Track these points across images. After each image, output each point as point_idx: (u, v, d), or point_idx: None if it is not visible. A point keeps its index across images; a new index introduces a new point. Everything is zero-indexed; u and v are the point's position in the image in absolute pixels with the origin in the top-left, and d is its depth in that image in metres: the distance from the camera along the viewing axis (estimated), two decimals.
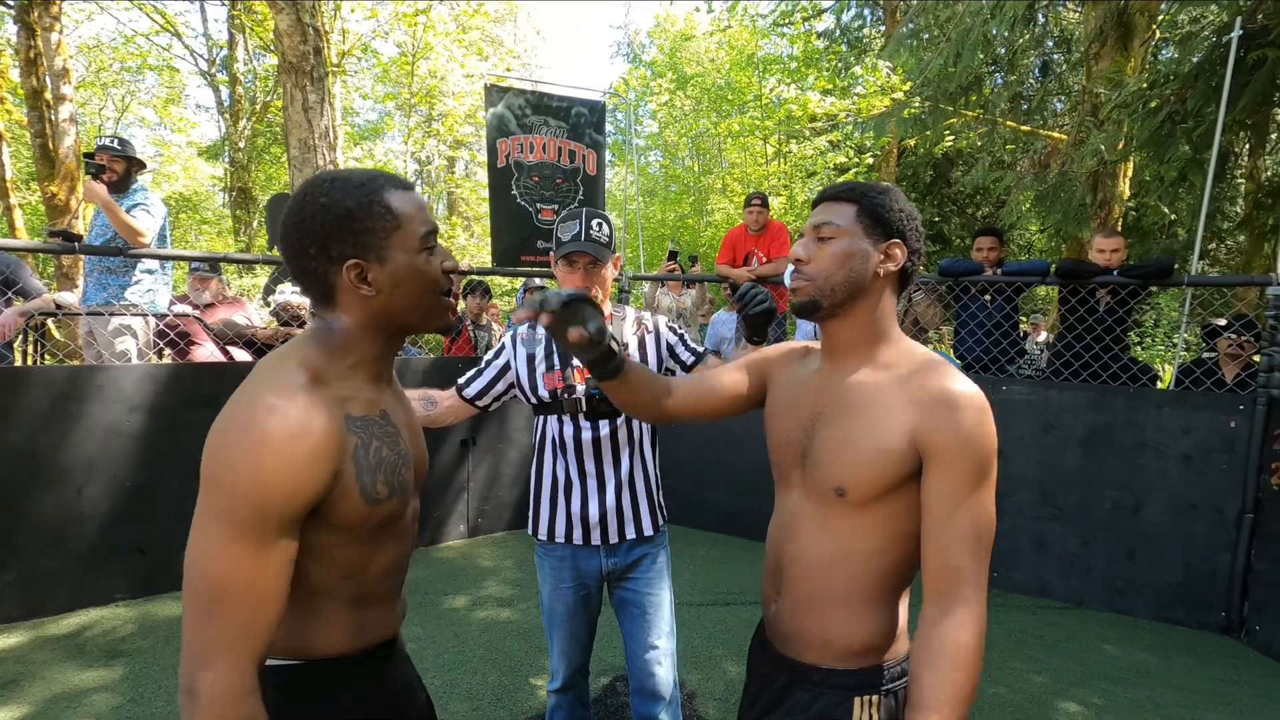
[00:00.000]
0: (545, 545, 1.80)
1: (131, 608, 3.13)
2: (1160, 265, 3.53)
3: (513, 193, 4.56)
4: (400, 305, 0.92)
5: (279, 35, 6.76)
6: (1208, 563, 3.32)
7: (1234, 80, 3.86)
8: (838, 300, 1.05)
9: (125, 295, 3.48)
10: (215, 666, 0.77)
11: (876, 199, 1.05)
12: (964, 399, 0.96)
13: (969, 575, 0.94)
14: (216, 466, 0.80)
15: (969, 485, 0.94)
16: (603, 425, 1.71)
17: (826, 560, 1.05)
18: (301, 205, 0.88)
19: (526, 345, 1.75)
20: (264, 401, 0.82)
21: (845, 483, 1.01)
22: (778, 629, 1.12)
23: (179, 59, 14.63)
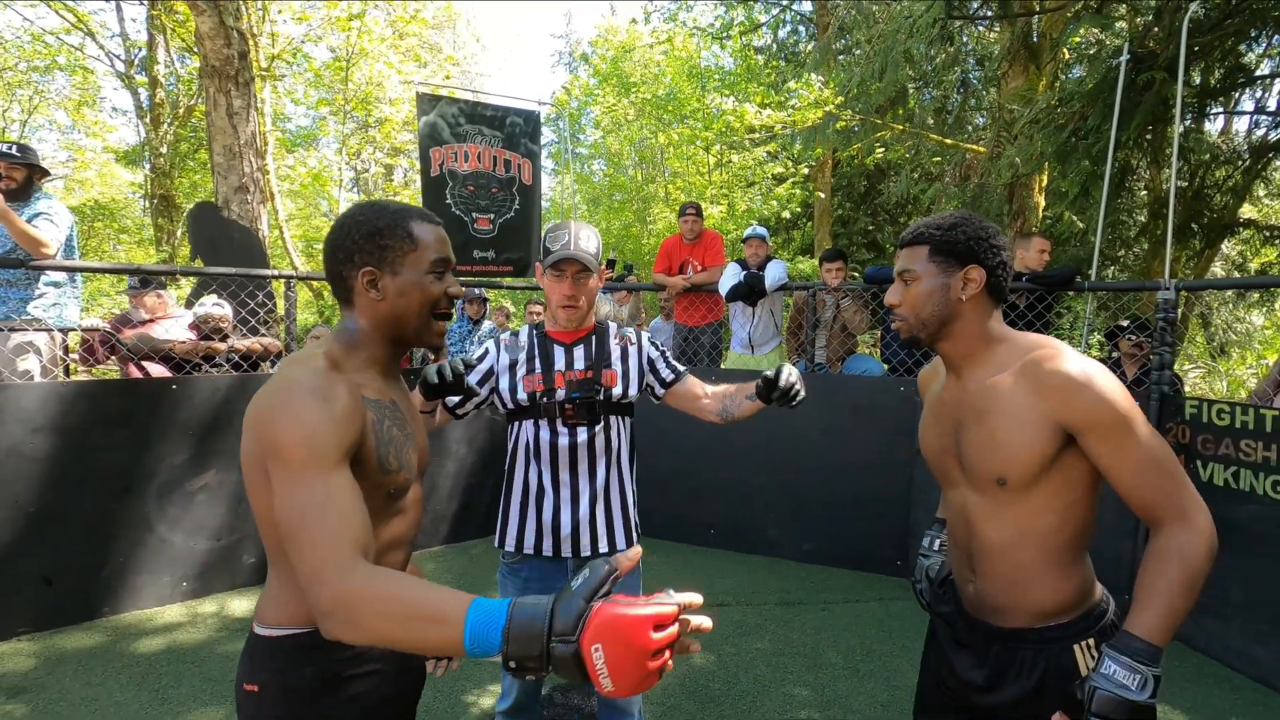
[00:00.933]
0: (511, 563, 1.76)
1: (36, 641, 2.95)
2: (1064, 273, 3.77)
3: (447, 201, 4.52)
4: (402, 313, 1.08)
5: (201, 38, 6.51)
6: (1111, 551, 3.53)
7: (1127, 100, 4.16)
8: (932, 330, 1.22)
9: (28, 309, 3.29)
10: (329, 581, 0.84)
11: (944, 236, 1.20)
12: (1080, 376, 1.09)
13: (1174, 497, 1.07)
14: (269, 436, 0.92)
15: (1126, 436, 1.07)
16: (580, 432, 1.68)
17: (1009, 542, 1.18)
18: (344, 220, 1.08)
19: (510, 351, 1.74)
20: (295, 379, 0.96)
21: (1003, 472, 1.14)
22: (982, 605, 1.25)
23: (93, 59, 13.88)
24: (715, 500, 4.34)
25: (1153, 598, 1.03)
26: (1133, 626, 1.03)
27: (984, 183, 7.11)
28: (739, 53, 12.65)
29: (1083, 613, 1.18)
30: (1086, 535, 1.18)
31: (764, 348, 4.75)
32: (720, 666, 2.89)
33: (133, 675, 2.70)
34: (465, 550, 4.30)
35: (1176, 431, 3.30)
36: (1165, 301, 3.49)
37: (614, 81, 12.87)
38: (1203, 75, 5.90)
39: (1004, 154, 6.30)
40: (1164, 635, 1.02)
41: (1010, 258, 1.22)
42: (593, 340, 1.75)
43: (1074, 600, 1.17)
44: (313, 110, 14.27)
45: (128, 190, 15.85)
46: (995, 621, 1.23)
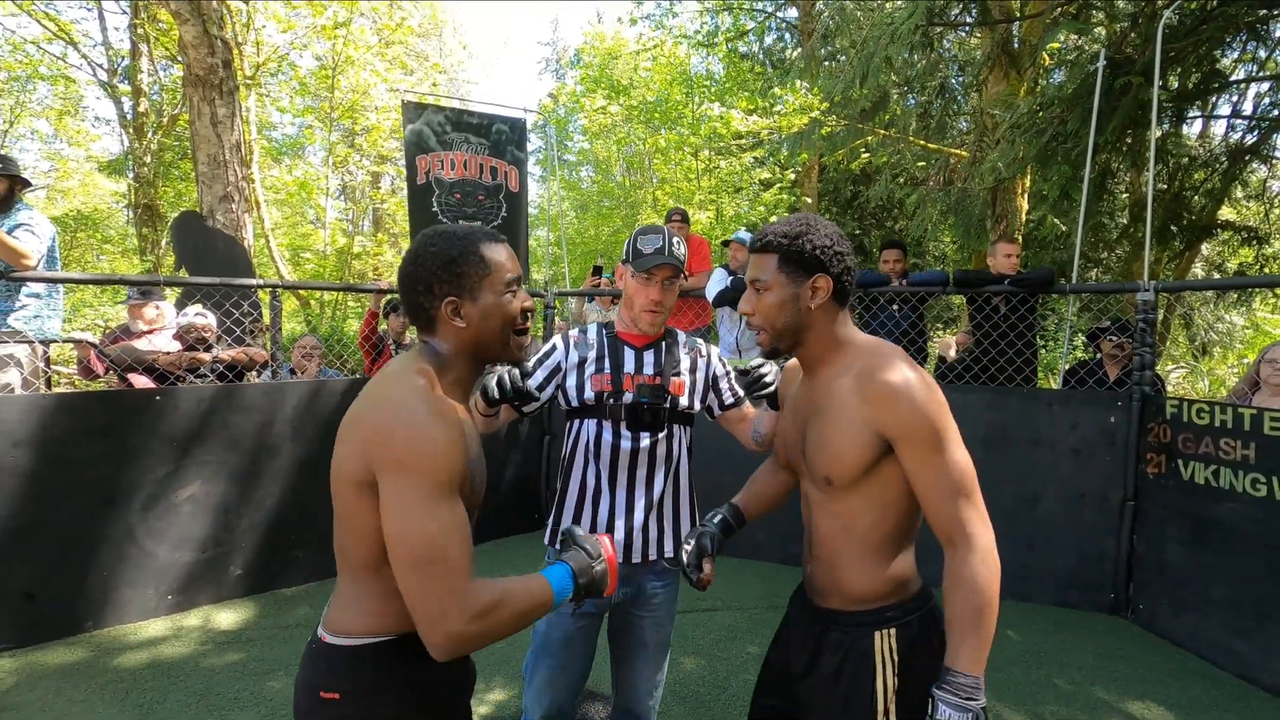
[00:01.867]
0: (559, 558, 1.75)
1: (17, 658, 2.90)
2: (1043, 275, 3.82)
3: (434, 209, 4.52)
4: (486, 336, 1.12)
5: (184, 48, 6.49)
6: (1096, 548, 3.58)
7: (1105, 104, 4.23)
8: (789, 339, 1.28)
9: (8, 321, 3.25)
10: (453, 616, 0.94)
11: (792, 245, 1.23)
12: (899, 387, 1.15)
13: (962, 518, 1.14)
14: (395, 449, 0.96)
15: (934, 451, 1.14)
16: (643, 437, 1.65)
17: (834, 531, 1.27)
18: (416, 254, 1.11)
19: (579, 349, 1.73)
20: (405, 397, 1.00)
21: (829, 474, 1.22)
22: (813, 584, 1.35)
23: (75, 68, 13.77)
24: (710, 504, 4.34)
25: (962, 631, 1.11)
26: (953, 661, 1.11)
27: (967, 187, 7.19)
28: (726, 59, 12.73)
29: (891, 604, 1.24)
30: (905, 531, 1.25)
31: (751, 353, 4.77)
32: (710, 671, 2.89)
33: (116, 691, 2.67)
34: None
35: (1158, 431, 3.34)
36: (1145, 303, 3.55)
37: (603, 86, 12.91)
38: (1179, 80, 6.00)
39: (986, 158, 6.37)
40: (979, 664, 1.10)
41: (854, 262, 1.28)
42: (663, 346, 1.74)
43: (883, 591, 1.24)
44: (298, 119, 14.23)
45: (111, 200, 15.70)
46: (819, 601, 1.32)
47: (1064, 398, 3.70)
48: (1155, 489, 3.38)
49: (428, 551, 0.94)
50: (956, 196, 7.31)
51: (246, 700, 2.61)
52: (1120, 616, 3.51)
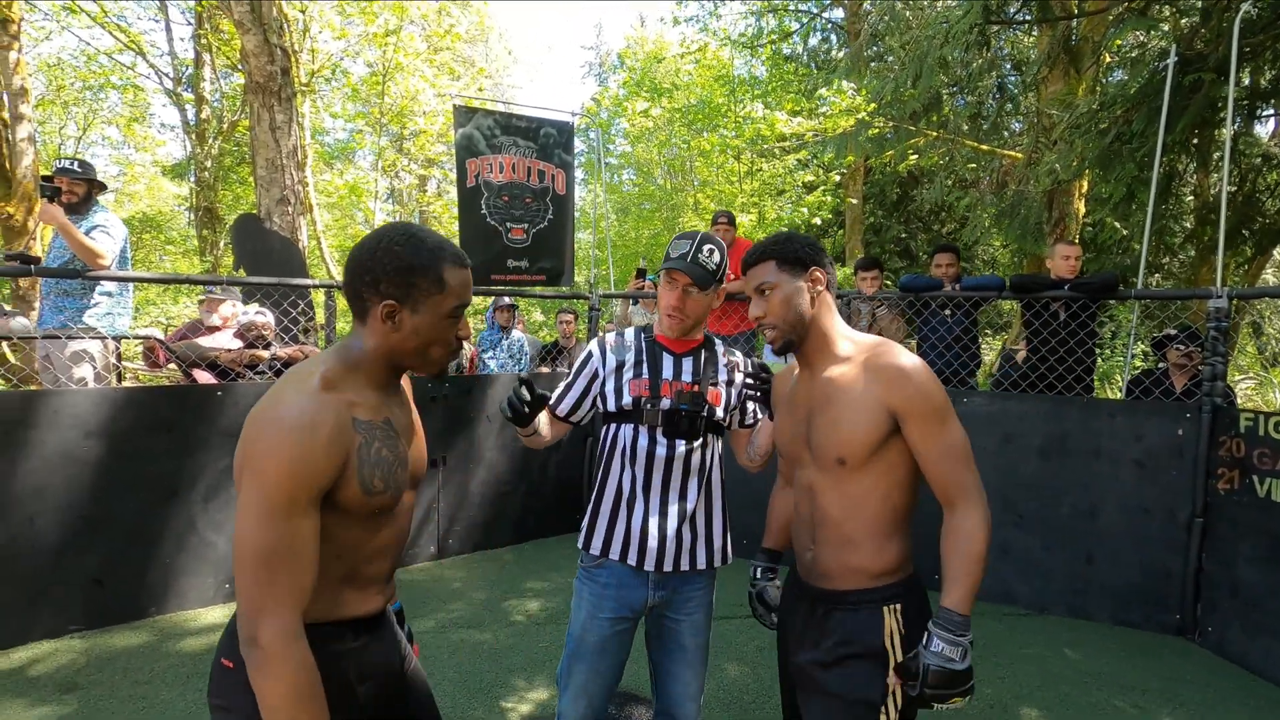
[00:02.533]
0: (590, 567, 1.71)
1: (87, 639, 3.04)
2: (1105, 280, 3.67)
3: (482, 212, 4.58)
4: (410, 349, 1.13)
5: (246, 56, 6.73)
6: (1161, 566, 3.42)
7: (1174, 103, 4.05)
8: (801, 331, 1.39)
9: (83, 318, 3.42)
10: (271, 619, 0.95)
11: (783, 248, 1.39)
12: (909, 370, 1.29)
13: (963, 483, 1.28)
14: (252, 453, 0.99)
15: (939, 424, 1.28)
16: (678, 444, 1.65)
17: (845, 512, 1.35)
18: (377, 241, 1.09)
19: (616, 353, 1.72)
20: (286, 401, 1.01)
21: (843, 453, 1.32)
22: (815, 570, 1.41)
23: (143, 77, 14.43)
24: (747, 510, 4.30)
25: (956, 575, 1.24)
26: (946, 602, 1.24)
27: (1022, 189, 6.97)
28: (770, 60, 12.63)
29: (897, 580, 1.35)
30: (907, 511, 1.37)
31: None
32: (754, 679, 2.85)
33: (178, 675, 2.77)
34: (498, 558, 4.33)
35: (1230, 445, 3.18)
36: (1218, 310, 3.38)
37: (645, 88, 12.93)
38: (1252, 77, 5.71)
39: (1043, 160, 6.17)
40: (969, 605, 1.23)
41: (833, 266, 1.42)
42: (702, 355, 1.73)
43: (890, 567, 1.34)
44: (350, 124, 14.64)
45: (174, 203, 16.40)
46: (824, 585, 1.39)
47: (1128, 408, 3.55)
48: (1227, 505, 3.21)
49: (258, 558, 0.96)
50: (1011, 199, 7.09)
51: None
52: (1186, 638, 3.35)
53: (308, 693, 0.97)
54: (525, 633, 3.24)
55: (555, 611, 3.47)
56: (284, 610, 0.96)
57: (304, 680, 0.97)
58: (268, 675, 0.95)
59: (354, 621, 1.14)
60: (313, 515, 1.01)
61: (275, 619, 0.96)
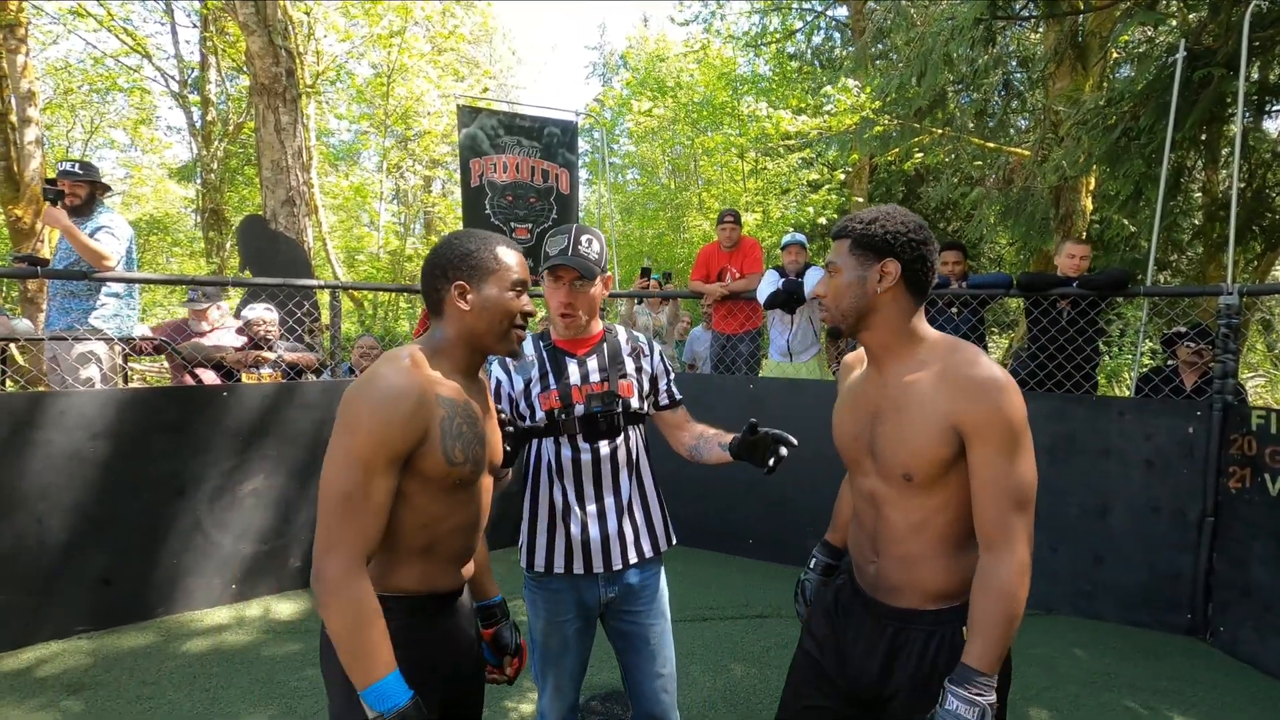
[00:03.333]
0: (540, 578, 1.71)
1: (94, 640, 3.05)
2: (1114, 276, 3.64)
3: (486, 212, 4.58)
4: (483, 325, 1.25)
5: (251, 58, 6.75)
6: (1171, 566, 3.39)
7: (1182, 98, 4.01)
8: (851, 321, 1.28)
9: (89, 320, 3.42)
10: (335, 554, 1.07)
11: (864, 229, 1.26)
12: (987, 382, 1.14)
13: (1011, 525, 1.14)
14: (348, 409, 1.11)
15: (1003, 454, 1.13)
16: (602, 446, 1.65)
17: (912, 529, 1.25)
18: (442, 244, 1.27)
19: (521, 372, 1.68)
20: (379, 374, 1.14)
21: (910, 469, 1.21)
22: (879, 584, 1.32)
23: (149, 80, 14.49)
24: (753, 510, 4.29)
25: (982, 630, 1.14)
26: (968, 658, 1.14)
27: (1029, 186, 6.93)
28: (774, 59, 12.60)
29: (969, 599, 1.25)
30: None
31: (803, 355, 4.69)
32: (761, 679, 2.84)
33: (185, 675, 2.78)
34: (503, 558, 4.32)
35: (1242, 443, 3.15)
36: (1228, 307, 3.34)
37: (650, 87, 12.92)
38: (1261, 71, 5.66)
39: (1050, 157, 6.13)
40: (994, 664, 1.13)
41: (932, 254, 1.26)
42: (604, 349, 1.70)
43: (963, 587, 1.23)
44: (355, 125, 14.67)
45: (180, 205, 16.48)
46: (891, 600, 1.29)
47: (1137, 406, 3.52)
48: (1238, 504, 3.18)
49: (338, 501, 1.07)
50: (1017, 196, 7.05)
51: (305, 690, 2.68)
52: (1197, 638, 3.31)
53: (366, 621, 1.06)
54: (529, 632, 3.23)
55: None
56: (349, 550, 1.07)
57: (362, 611, 1.07)
58: (330, 605, 1.06)
59: (436, 595, 1.26)
60: (390, 476, 1.11)
61: (340, 556, 1.06)
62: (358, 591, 1.07)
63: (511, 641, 1.54)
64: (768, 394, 4.27)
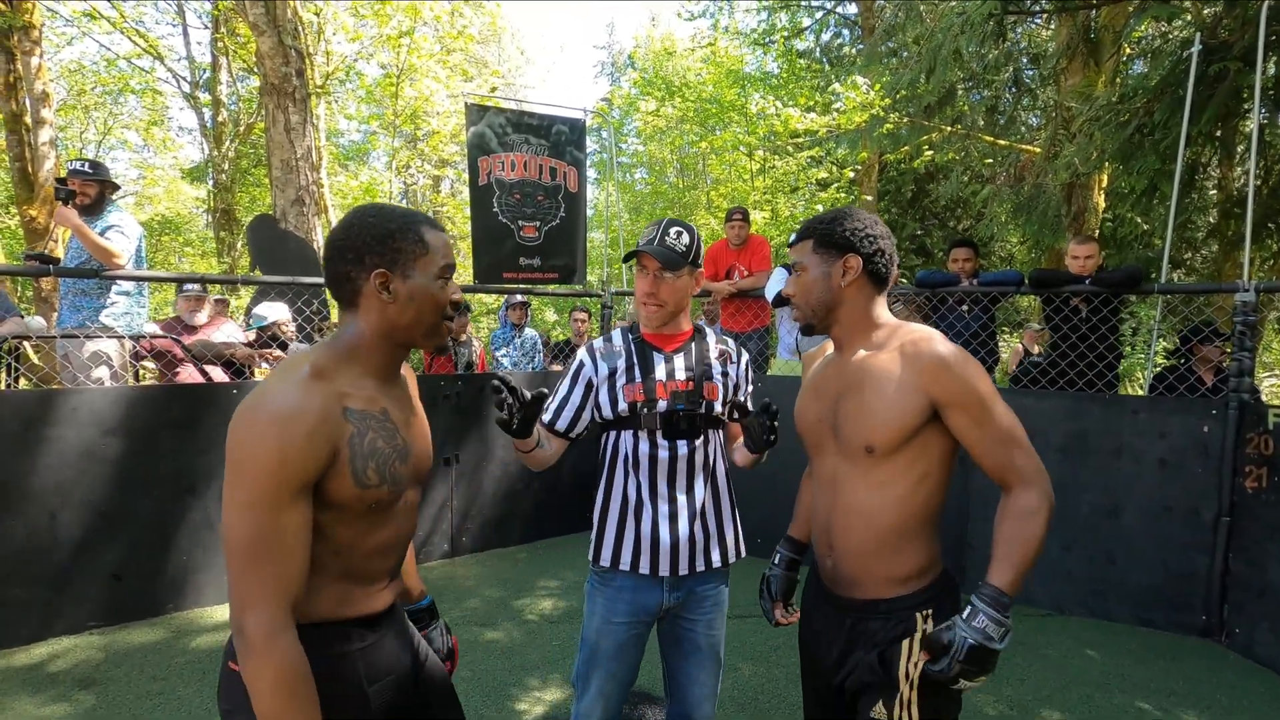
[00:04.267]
0: (603, 574, 1.67)
1: (106, 635, 3.07)
2: (1129, 273, 3.59)
3: (494, 210, 4.58)
4: (409, 319, 1.10)
5: (261, 57, 6.79)
6: (1186, 566, 3.34)
7: (1198, 93, 3.96)
8: (821, 315, 1.36)
9: (100, 318, 3.45)
10: (255, 609, 0.95)
11: (824, 229, 1.35)
12: (951, 357, 1.24)
13: (1017, 464, 1.22)
14: (234, 444, 0.97)
15: (982, 408, 1.22)
16: (680, 445, 1.60)
17: (871, 508, 1.29)
18: (350, 221, 1.09)
19: (607, 359, 1.66)
20: (271, 389, 0.99)
21: (872, 440, 1.26)
22: (839, 576, 1.35)
23: (161, 81, 14.62)
24: (760, 508, 4.27)
25: (1006, 552, 1.18)
26: (994, 578, 1.17)
27: (1040, 183, 6.87)
28: (782, 57, 12.55)
29: (927, 583, 1.30)
30: (936, 508, 1.31)
31: None
32: (768, 679, 2.82)
33: (194, 671, 2.79)
34: (510, 556, 4.32)
35: (1258, 442, 3.10)
36: (1245, 304, 3.30)
37: (658, 85, 12.90)
38: (1277, 66, 5.58)
39: (1062, 153, 6.07)
40: (1017, 587, 1.17)
41: (890, 247, 1.35)
42: (693, 349, 1.67)
43: (920, 569, 1.29)
44: (364, 125, 14.73)
45: (192, 205, 16.61)
46: (848, 593, 1.33)
47: (1151, 405, 3.47)
48: (1255, 504, 3.13)
49: (245, 549, 0.95)
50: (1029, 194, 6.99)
51: None
52: (1213, 640, 3.27)
53: (294, 685, 0.96)
54: (539, 631, 3.23)
55: (569, 610, 3.46)
56: (269, 603, 0.95)
57: (290, 673, 0.96)
58: (254, 667, 0.95)
59: (359, 620, 1.12)
60: (300, 508, 0.99)
61: (260, 612, 0.95)
62: (284, 651, 0.95)
63: (444, 645, 1.42)
64: (776, 393, 4.25)
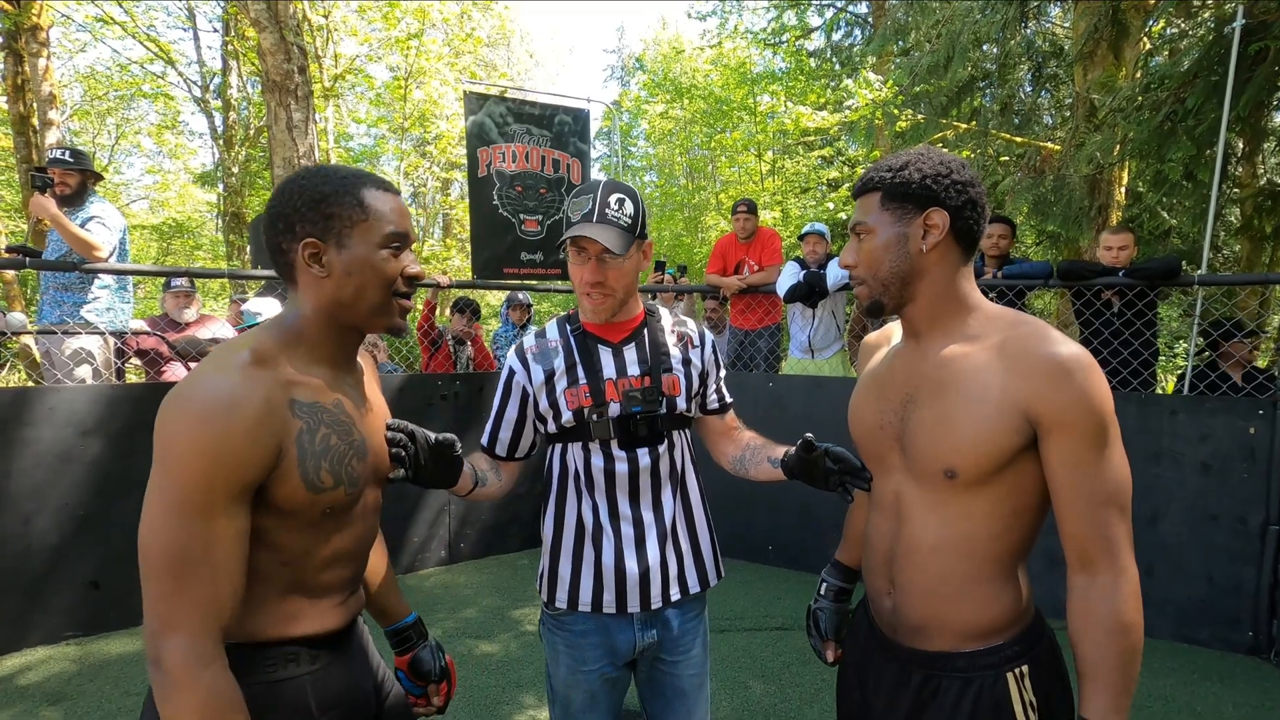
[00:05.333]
0: (560, 617, 1.38)
1: (81, 646, 2.93)
2: (1166, 264, 3.37)
3: (494, 203, 4.43)
4: (349, 295, 0.95)
5: (263, 54, 6.70)
6: (1232, 578, 3.11)
7: (1236, 76, 3.73)
8: (895, 291, 1.03)
9: (81, 313, 3.32)
10: (176, 637, 0.80)
11: (896, 177, 1.01)
12: (1071, 362, 0.91)
13: (1112, 537, 0.92)
14: (159, 439, 0.83)
15: (1094, 449, 0.91)
16: (641, 455, 1.32)
17: (946, 544, 1.00)
18: (283, 186, 0.96)
19: (541, 360, 1.36)
20: (204, 377, 0.86)
21: (955, 464, 0.96)
22: (901, 622, 1.06)
23: (173, 86, 14.67)
24: (773, 516, 4.07)
25: (1102, 673, 0.92)
26: (1087, 711, 0.92)
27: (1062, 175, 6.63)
28: (791, 56, 12.38)
29: (1017, 633, 1.01)
30: (1028, 547, 1.02)
31: (825, 352, 4.47)
32: (781, 697, 2.62)
33: None
34: (510, 563, 4.15)
35: None
36: None
37: (666, 87, 12.78)
38: None
39: (1084, 146, 5.84)
40: (1121, 716, 0.92)
41: (982, 197, 1.01)
42: (645, 336, 1.37)
43: (1007, 620, 1.01)
44: (373, 129, 14.70)
45: (204, 209, 16.66)
46: (915, 644, 1.05)
47: (1191, 405, 3.24)
48: None
49: (162, 561, 0.81)
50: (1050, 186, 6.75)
51: None
52: (1261, 658, 3.03)
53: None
54: (536, 645, 3.05)
55: None
56: (192, 628, 0.81)
57: (214, 712, 0.81)
58: (175, 706, 0.80)
59: (310, 640, 0.97)
60: (235, 515, 0.85)
61: (181, 638, 0.81)
62: (211, 683, 0.81)
63: (435, 665, 1.25)
64: (788, 392, 4.05)
